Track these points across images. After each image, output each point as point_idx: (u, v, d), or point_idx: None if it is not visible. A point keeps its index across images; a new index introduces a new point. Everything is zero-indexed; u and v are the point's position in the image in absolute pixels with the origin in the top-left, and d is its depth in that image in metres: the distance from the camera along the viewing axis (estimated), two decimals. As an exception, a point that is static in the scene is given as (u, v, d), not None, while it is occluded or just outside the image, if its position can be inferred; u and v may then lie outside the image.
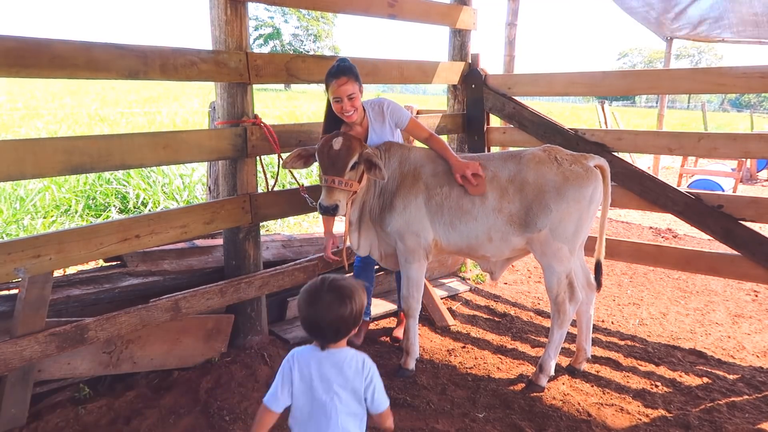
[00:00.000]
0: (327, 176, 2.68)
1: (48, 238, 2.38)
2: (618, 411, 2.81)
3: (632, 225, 6.77)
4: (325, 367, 1.70)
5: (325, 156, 2.70)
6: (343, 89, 2.75)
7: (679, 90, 3.57)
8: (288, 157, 2.87)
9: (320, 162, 2.73)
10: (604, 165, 2.93)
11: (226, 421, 2.61)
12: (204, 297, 2.91)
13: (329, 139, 2.72)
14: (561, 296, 2.93)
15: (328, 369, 1.70)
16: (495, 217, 2.86)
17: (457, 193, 2.88)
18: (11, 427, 2.46)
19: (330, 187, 2.67)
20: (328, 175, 2.68)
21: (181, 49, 2.67)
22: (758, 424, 2.72)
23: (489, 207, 2.86)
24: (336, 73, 2.75)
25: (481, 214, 2.87)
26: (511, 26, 5.86)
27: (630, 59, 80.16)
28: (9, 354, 2.31)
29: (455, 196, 2.88)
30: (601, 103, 10.11)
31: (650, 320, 4.00)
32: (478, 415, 2.73)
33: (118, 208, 5.96)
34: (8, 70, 2.19)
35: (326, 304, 1.68)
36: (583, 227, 2.88)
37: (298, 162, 2.87)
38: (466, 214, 2.89)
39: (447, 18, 4.13)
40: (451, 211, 2.89)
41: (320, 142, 2.77)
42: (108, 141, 2.51)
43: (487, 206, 2.86)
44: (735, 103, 68.69)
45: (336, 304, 1.67)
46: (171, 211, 2.88)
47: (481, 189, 2.85)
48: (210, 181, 3.59)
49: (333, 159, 2.67)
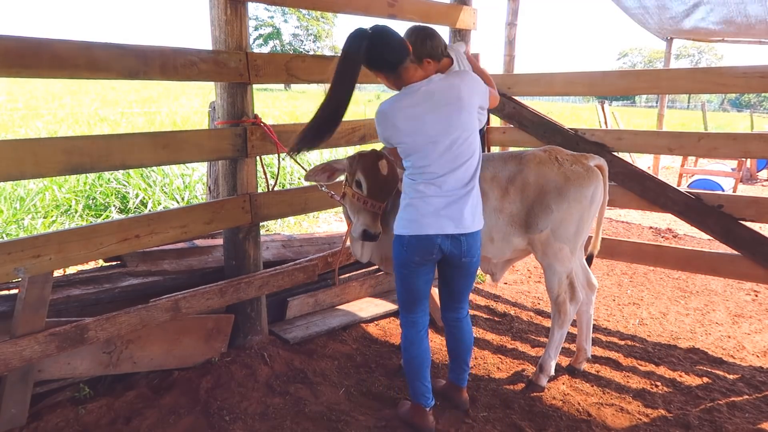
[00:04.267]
0: (375, 201, 2.54)
1: (48, 238, 2.38)
2: (618, 411, 2.82)
3: (632, 225, 6.77)
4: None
5: (372, 179, 2.54)
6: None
7: (679, 90, 3.57)
8: (312, 170, 2.69)
9: (367, 185, 2.55)
10: (604, 165, 2.94)
11: (226, 421, 2.61)
12: (204, 297, 2.91)
13: (374, 160, 2.57)
14: (562, 296, 2.94)
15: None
16: (496, 217, 2.86)
17: None
18: (11, 427, 2.46)
19: (375, 213, 2.56)
20: (376, 200, 2.54)
21: (181, 49, 2.67)
22: (758, 424, 2.72)
23: (490, 207, 2.86)
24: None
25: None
26: (511, 26, 5.85)
27: (630, 59, 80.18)
28: (9, 354, 2.31)
29: None
30: (601, 103, 10.12)
31: (650, 320, 4.00)
32: (478, 415, 2.73)
33: (118, 208, 5.96)
34: (8, 70, 2.19)
35: None
36: (584, 227, 2.89)
37: (322, 176, 2.71)
38: None
39: (447, 18, 4.13)
40: None
41: (361, 160, 2.58)
42: (108, 141, 2.52)
43: (488, 207, 2.86)
44: (735, 103, 68.69)
45: None
46: (171, 211, 2.88)
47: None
48: (210, 181, 3.59)
49: (381, 185, 2.54)
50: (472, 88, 2.35)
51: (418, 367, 2.53)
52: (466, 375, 2.75)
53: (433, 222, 2.31)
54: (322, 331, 3.50)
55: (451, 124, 2.27)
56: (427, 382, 2.56)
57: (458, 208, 2.32)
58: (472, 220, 2.37)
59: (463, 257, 2.39)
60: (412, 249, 2.36)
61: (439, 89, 2.29)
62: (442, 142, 2.27)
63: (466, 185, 2.34)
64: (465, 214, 2.33)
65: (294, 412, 2.70)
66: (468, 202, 2.34)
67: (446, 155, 2.28)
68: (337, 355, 3.28)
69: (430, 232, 2.31)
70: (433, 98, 2.27)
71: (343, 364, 3.20)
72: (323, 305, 3.77)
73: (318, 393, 2.88)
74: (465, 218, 2.34)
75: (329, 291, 3.79)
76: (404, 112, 2.28)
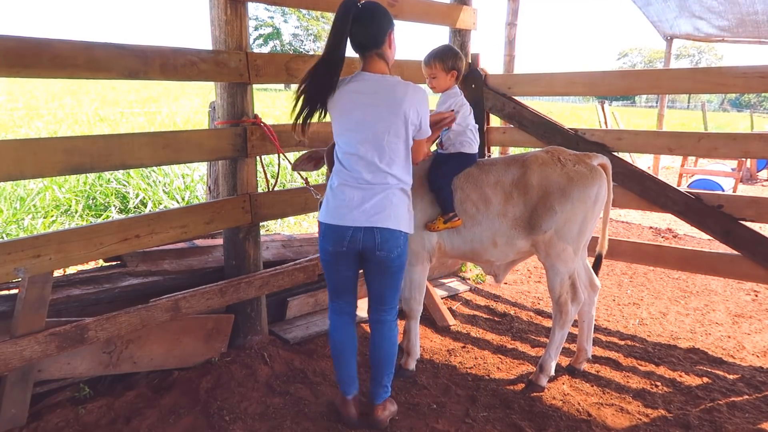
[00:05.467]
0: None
1: (48, 238, 2.38)
2: (618, 411, 2.82)
3: (632, 225, 6.77)
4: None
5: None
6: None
7: (679, 90, 3.57)
8: (297, 159, 2.80)
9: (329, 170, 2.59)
10: (607, 163, 2.93)
11: (226, 421, 2.61)
12: (204, 297, 2.91)
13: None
14: (564, 297, 2.93)
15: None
16: (500, 222, 2.86)
17: (461, 197, 2.87)
18: (11, 427, 2.46)
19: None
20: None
21: (181, 49, 2.67)
22: (758, 424, 2.72)
23: (493, 212, 2.85)
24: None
25: (485, 220, 2.86)
26: (511, 26, 5.87)
27: (630, 59, 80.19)
28: (9, 354, 2.31)
29: (459, 200, 2.87)
30: (601, 103, 10.11)
31: (650, 320, 4.00)
32: (478, 415, 2.73)
33: (118, 208, 5.96)
34: (8, 70, 2.20)
35: None
36: (588, 227, 2.89)
37: (308, 164, 2.80)
38: (470, 218, 2.87)
39: (447, 18, 4.13)
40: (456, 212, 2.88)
41: (330, 149, 2.59)
42: (108, 141, 2.52)
43: (491, 211, 2.85)
44: (735, 103, 68.69)
45: None
46: (171, 211, 2.89)
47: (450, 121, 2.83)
48: (210, 181, 3.59)
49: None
50: (415, 102, 2.31)
51: (338, 355, 2.58)
52: (382, 392, 2.59)
53: (346, 214, 2.31)
54: (322, 331, 3.50)
55: (379, 121, 2.28)
56: (350, 371, 2.59)
57: (374, 203, 2.30)
58: (387, 216, 2.31)
59: (378, 251, 2.34)
60: (326, 238, 2.38)
61: (385, 88, 2.31)
62: (365, 135, 2.29)
63: (384, 183, 2.32)
64: (379, 209, 2.30)
65: (294, 412, 2.70)
66: (385, 198, 2.32)
67: (368, 149, 2.29)
68: (337, 355, 3.28)
69: (341, 223, 2.32)
70: (377, 94, 2.29)
71: (343, 364, 3.20)
72: (323, 305, 3.76)
73: (318, 393, 2.88)
74: (378, 213, 2.30)
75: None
76: (348, 95, 2.31)
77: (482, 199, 2.87)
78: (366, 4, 2.27)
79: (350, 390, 2.61)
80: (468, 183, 2.90)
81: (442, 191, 2.83)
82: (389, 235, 2.33)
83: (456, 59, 2.87)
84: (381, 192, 2.32)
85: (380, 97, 2.29)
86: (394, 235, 2.34)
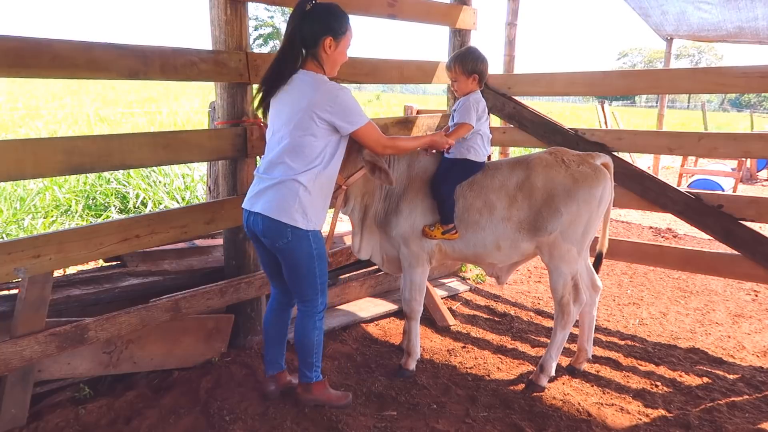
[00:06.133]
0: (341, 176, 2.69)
1: (48, 238, 2.38)
2: (618, 411, 2.81)
3: (632, 225, 6.77)
4: None
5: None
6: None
7: (679, 90, 3.58)
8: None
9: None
10: (610, 163, 2.94)
11: (226, 421, 2.61)
12: (204, 297, 2.91)
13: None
14: (566, 298, 2.93)
15: None
16: (504, 225, 2.85)
17: (463, 202, 2.87)
18: (11, 427, 2.46)
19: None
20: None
21: (181, 49, 2.68)
22: (758, 424, 2.72)
23: (497, 217, 2.84)
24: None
25: (489, 225, 2.86)
26: (511, 26, 5.86)
27: (630, 59, 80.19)
28: (9, 354, 2.31)
29: (463, 208, 2.87)
30: (601, 103, 10.11)
31: (650, 320, 4.00)
32: (478, 415, 2.73)
33: (118, 208, 5.96)
34: (8, 70, 2.20)
35: None
36: (592, 228, 2.88)
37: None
38: (473, 224, 2.87)
39: (447, 18, 4.13)
40: (458, 220, 2.87)
41: None
42: (108, 141, 2.52)
43: (495, 216, 2.84)
44: (735, 103, 68.70)
45: None
46: (171, 211, 2.89)
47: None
48: (210, 181, 3.59)
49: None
50: (324, 101, 2.32)
51: (264, 333, 2.78)
52: (301, 376, 2.68)
53: (247, 198, 2.48)
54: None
55: (284, 115, 2.38)
56: (271, 353, 2.77)
57: (261, 189, 2.41)
58: (269, 204, 2.36)
59: (263, 236, 2.43)
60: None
61: (299, 86, 2.37)
62: (274, 127, 2.43)
63: (273, 174, 2.38)
64: (264, 197, 2.38)
65: (294, 412, 2.70)
66: (271, 188, 2.38)
67: (272, 140, 2.43)
68: (337, 355, 3.28)
69: (243, 206, 2.50)
70: (292, 91, 2.38)
71: (343, 364, 3.20)
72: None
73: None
74: (262, 199, 2.39)
75: (329, 291, 3.78)
76: (281, 91, 2.41)
77: (486, 205, 2.85)
78: (315, 5, 2.37)
79: (268, 369, 2.80)
80: (471, 191, 2.88)
81: (445, 203, 2.82)
82: (270, 224, 2.38)
83: (477, 62, 2.83)
84: (271, 181, 2.38)
85: (293, 95, 2.37)
86: (275, 224, 2.38)
